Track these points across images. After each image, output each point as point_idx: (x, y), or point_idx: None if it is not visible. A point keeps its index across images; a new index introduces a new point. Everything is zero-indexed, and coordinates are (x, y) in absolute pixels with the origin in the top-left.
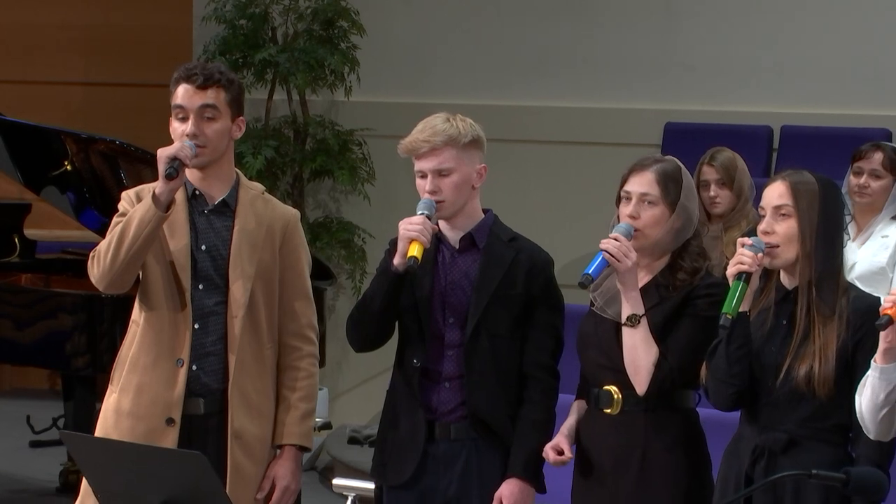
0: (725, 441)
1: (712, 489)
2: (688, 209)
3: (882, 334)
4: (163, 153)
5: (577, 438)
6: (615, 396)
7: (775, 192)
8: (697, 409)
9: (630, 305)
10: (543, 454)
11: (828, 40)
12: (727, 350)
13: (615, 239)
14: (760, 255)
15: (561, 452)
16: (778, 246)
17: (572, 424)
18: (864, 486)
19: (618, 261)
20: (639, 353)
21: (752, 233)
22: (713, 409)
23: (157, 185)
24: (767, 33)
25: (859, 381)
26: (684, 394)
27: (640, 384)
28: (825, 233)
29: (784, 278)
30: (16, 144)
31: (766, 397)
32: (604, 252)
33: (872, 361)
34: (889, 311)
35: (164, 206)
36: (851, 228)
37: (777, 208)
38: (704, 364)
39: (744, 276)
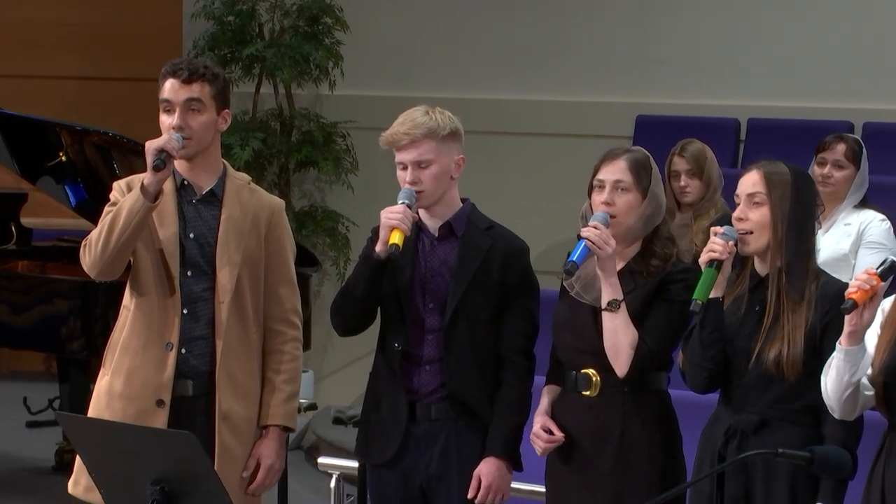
0: (698, 421)
1: (684, 466)
2: (657, 196)
3: (847, 318)
4: (151, 145)
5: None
6: (594, 379)
7: (749, 181)
8: (673, 391)
9: (610, 291)
10: (532, 441)
11: (792, 36)
12: (701, 335)
13: (595, 227)
14: (732, 243)
15: (550, 433)
16: (751, 232)
17: (548, 407)
18: (828, 464)
19: (599, 248)
20: (619, 336)
21: (721, 221)
22: (687, 391)
23: (146, 176)
24: (734, 29)
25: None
26: (658, 376)
27: (621, 367)
28: (796, 221)
29: (758, 265)
30: (13, 136)
31: (738, 380)
32: (586, 240)
33: (837, 344)
34: (854, 296)
35: (152, 196)
36: None
37: (750, 196)
38: (681, 349)
39: (715, 264)
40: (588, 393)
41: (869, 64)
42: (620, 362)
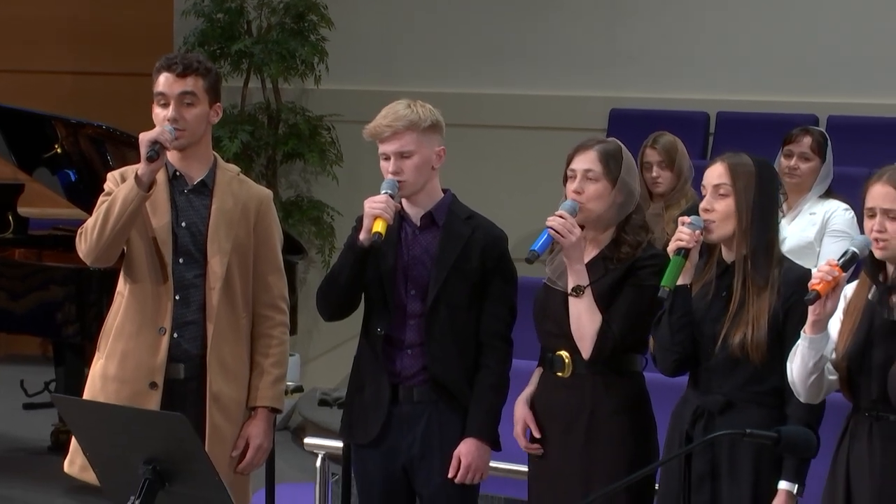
0: (671, 403)
1: (657, 448)
2: (628, 185)
3: (810, 308)
4: (144, 137)
5: (533, 400)
6: (566, 361)
7: (715, 173)
8: (646, 373)
9: (575, 277)
10: (515, 435)
11: (759, 34)
12: (670, 320)
13: (560, 216)
14: (698, 232)
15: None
16: (716, 222)
17: (531, 393)
18: (794, 444)
19: (562, 236)
20: (583, 320)
21: (691, 211)
22: (660, 374)
23: (140, 167)
24: (704, 27)
25: (790, 347)
26: (631, 358)
27: (586, 349)
28: (760, 210)
29: (725, 253)
30: (10, 129)
31: (705, 363)
32: (549, 228)
33: (802, 332)
34: (817, 287)
35: (146, 186)
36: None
37: (716, 187)
38: (651, 333)
39: (682, 252)
40: (561, 374)
41: (833, 59)
42: (585, 345)
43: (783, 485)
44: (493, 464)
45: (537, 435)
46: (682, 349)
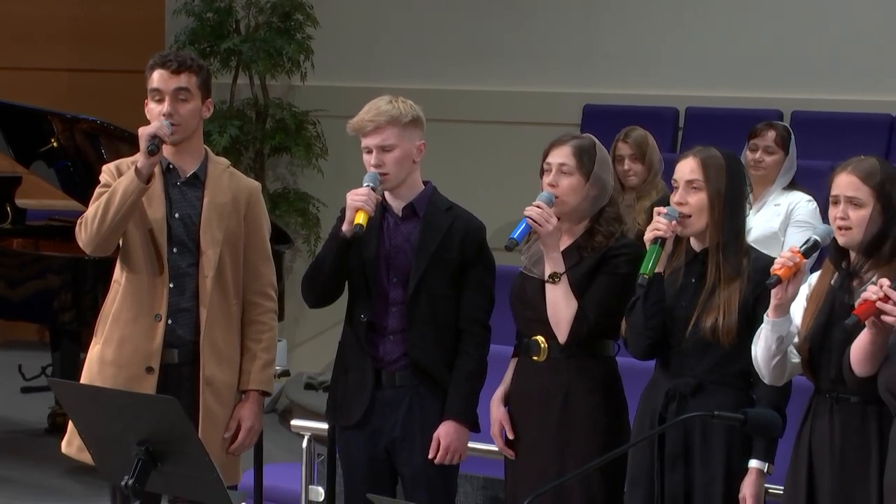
0: (642, 386)
1: (628, 429)
2: (602, 179)
3: (773, 292)
4: (144, 131)
5: (510, 387)
6: (542, 345)
7: (687, 168)
8: (617, 357)
9: (552, 265)
10: (492, 435)
11: (726, 32)
12: (644, 306)
13: (538, 206)
14: (674, 222)
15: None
16: (691, 216)
17: (504, 392)
18: (760, 424)
19: (539, 225)
20: (559, 306)
21: (662, 202)
22: (631, 358)
23: (139, 160)
24: (674, 26)
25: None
26: (604, 343)
27: (562, 334)
28: (731, 202)
29: (693, 242)
30: (8, 124)
31: (677, 346)
32: (527, 218)
33: (765, 316)
34: (779, 272)
35: (145, 177)
36: None
37: (689, 182)
38: (624, 318)
39: (659, 241)
40: (537, 358)
41: (797, 57)
42: (561, 330)
43: (753, 463)
44: (471, 444)
45: (511, 437)
46: (655, 334)
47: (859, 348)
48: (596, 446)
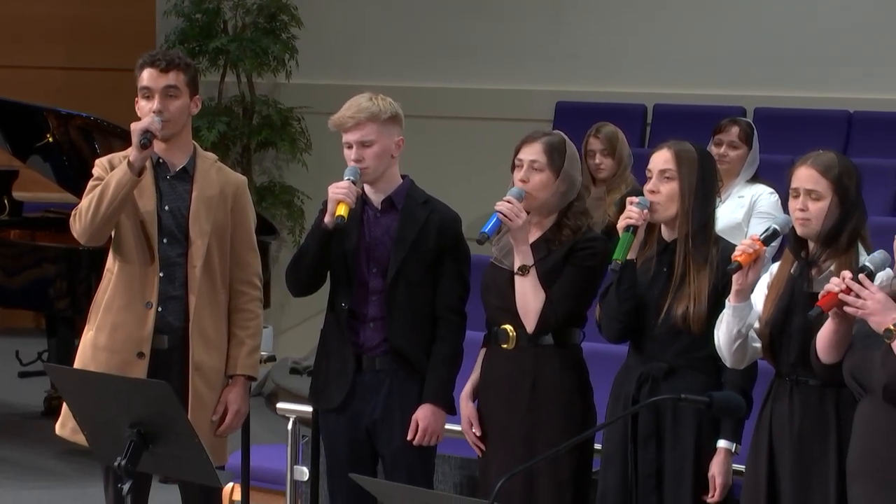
0: (611, 370)
1: (594, 412)
2: (571, 175)
3: (734, 278)
4: (136, 126)
5: (481, 371)
6: (510, 334)
7: (661, 158)
8: (588, 343)
9: (521, 258)
10: (463, 430)
11: (693, 33)
12: (618, 291)
13: (508, 201)
14: (645, 211)
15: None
16: (661, 203)
17: (475, 383)
18: (725, 407)
19: (510, 220)
20: (528, 297)
21: (632, 194)
22: (602, 344)
23: (132, 154)
24: (642, 27)
25: None
26: (570, 331)
27: (530, 323)
28: (701, 193)
29: (664, 232)
30: (5, 120)
31: (649, 333)
32: (498, 212)
33: (727, 301)
34: (739, 259)
35: (137, 170)
36: None
37: (662, 171)
38: (598, 304)
39: (631, 229)
40: (506, 346)
41: (759, 56)
42: (529, 319)
43: (722, 443)
44: (448, 426)
45: (478, 433)
46: (628, 318)
47: (824, 337)
48: (564, 429)
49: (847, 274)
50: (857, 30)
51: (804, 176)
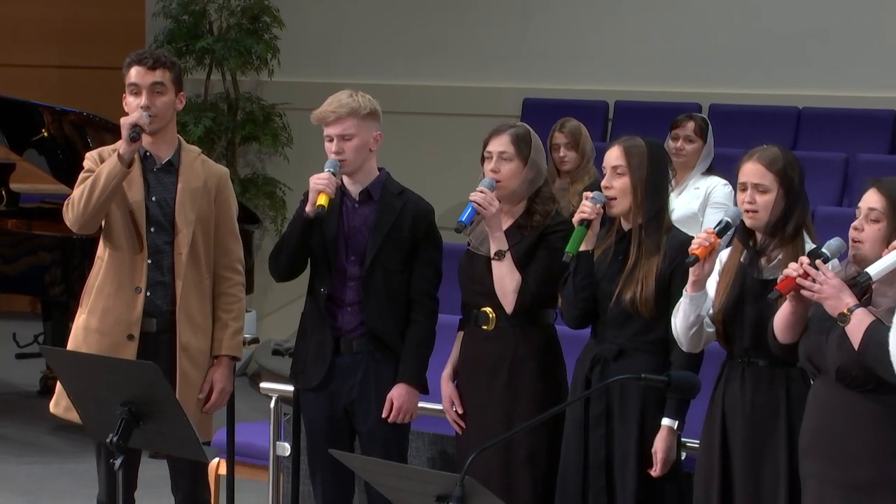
0: (578, 351)
1: (566, 387)
2: (537, 163)
3: (691, 269)
4: (126, 121)
5: (460, 353)
6: (490, 315)
7: (613, 155)
8: (559, 326)
9: (496, 244)
10: (444, 410)
11: (651, 33)
12: (574, 281)
13: (481, 191)
14: (599, 205)
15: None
16: (616, 198)
17: (454, 366)
18: (682, 385)
19: (484, 208)
20: (505, 281)
21: (593, 186)
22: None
23: (122, 147)
24: (603, 27)
25: (675, 303)
26: (545, 312)
27: (508, 305)
28: (652, 185)
29: (623, 222)
30: (2, 116)
31: (603, 317)
32: (473, 202)
33: (684, 290)
34: (696, 252)
35: (127, 162)
36: None
37: (614, 168)
38: (559, 291)
39: (585, 223)
40: (486, 327)
41: (714, 55)
42: (507, 301)
43: (665, 421)
44: (421, 405)
45: (460, 411)
46: (585, 305)
47: (782, 318)
48: (538, 405)
49: (805, 259)
50: (807, 31)
51: (750, 170)
